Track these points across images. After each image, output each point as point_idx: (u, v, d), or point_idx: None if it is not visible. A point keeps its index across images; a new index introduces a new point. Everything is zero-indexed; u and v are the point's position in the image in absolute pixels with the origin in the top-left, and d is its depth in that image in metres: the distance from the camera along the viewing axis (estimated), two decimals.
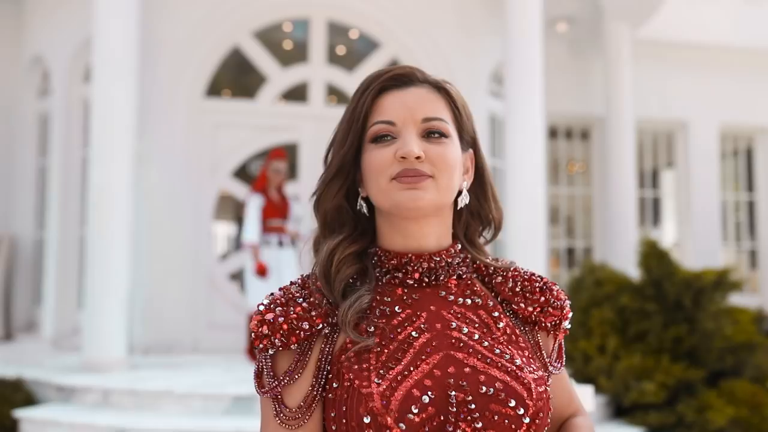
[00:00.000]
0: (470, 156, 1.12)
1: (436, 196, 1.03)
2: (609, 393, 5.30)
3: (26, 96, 7.67)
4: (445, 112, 1.07)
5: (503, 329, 1.05)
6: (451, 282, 1.07)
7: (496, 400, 0.96)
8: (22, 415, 4.65)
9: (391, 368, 0.97)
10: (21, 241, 7.64)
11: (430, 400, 0.95)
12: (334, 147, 1.08)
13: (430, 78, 1.09)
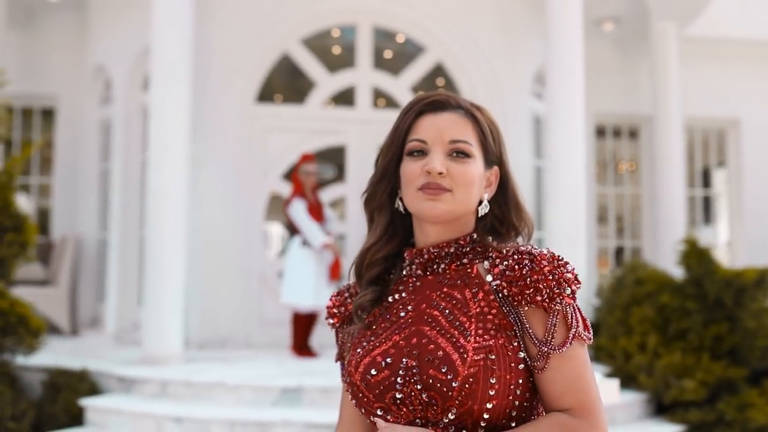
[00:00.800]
0: (495, 172, 1.29)
1: (451, 207, 1.22)
2: (649, 390, 5.36)
3: (90, 104, 8.09)
4: (471, 135, 1.24)
5: (477, 304, 1.19)
6: (451, 268, 1.25)
7: (434, 366, 1.14)
8: (86, 403, 4.99)
9: (371, 341, 1.21)
10: (86, 242, 8.06)
11: (386, 365, 1.17)
12: (381, 155, 1.29)
13: (462, 104, 1.27)
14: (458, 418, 1.14)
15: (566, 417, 1.15)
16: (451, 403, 1.13)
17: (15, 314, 4.94)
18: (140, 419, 4.76)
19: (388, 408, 1.17)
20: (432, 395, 1.14)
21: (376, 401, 1.17)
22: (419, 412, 1.15)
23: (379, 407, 1.17)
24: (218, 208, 6.74)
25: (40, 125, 8.72)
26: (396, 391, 1.15)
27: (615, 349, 5.51)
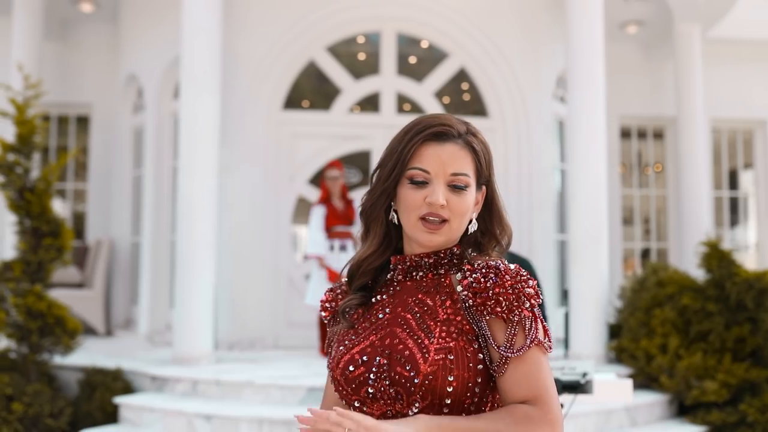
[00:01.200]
0: (482, 191, 1.39)
1: (447, 237, 1.35)
2: (671, 392, 5.40)
3: (123, 111, 8.32)
4: (469, 167, 1.35)
5: (445, 311, 1.31)
6: (428, 276, 1.37)
7: (400, 364, 1.27)
8: (120, 401, 5.18)
9: (352, 339, 1.34)
10: (119, 246, 8.29)
11: (362, 362, 1.30)
12: (380, 173, 1.38)
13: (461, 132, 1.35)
14: (422, 411, 1.26)
15: (521, 405, 1.23)
16: (414, 397, 1.25)
17: (52, 316, 5.15)
18: (172, 417, 4.93)
19: (363, 401, 1.29)
20: (398, 390, 1.26)
21: (353, 394, 1.30)
22: (389, 405, 1.27)
23: (356, 400, 1.30)
24: (247, 213, 6.91)
25: (75, 132, 8.99)
26: (369, 386, 1.28)
27: (636, 351, 5.56)
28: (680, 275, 5.71)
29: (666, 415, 5.50)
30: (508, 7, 7.38)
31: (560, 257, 7.56)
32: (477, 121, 7.26)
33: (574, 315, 6.03)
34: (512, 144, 7.31)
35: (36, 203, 5.18)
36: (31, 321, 5.09)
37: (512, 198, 7.24)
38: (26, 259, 5.21)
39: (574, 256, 6.11)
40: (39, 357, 5.27)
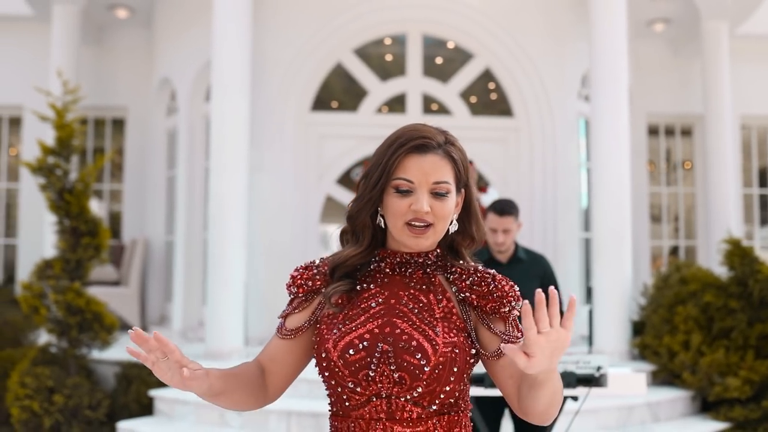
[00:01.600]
0: (462, 195, 1.52)
1: (433, 239, 1.48)
2: (693, 388, 5.45)
3: (157, 114, 8.57)
4: (449, 174, 1.47)
5: (441, 309, 1.46)
6: (417, 274, 1.50)
7: (408, 353, 1.39)
8: (155, 394, 5.39)
9: (347, 324, 1.44)
10: (153, 244, 8.54)
11: (363, 347, 1.40)
12: (366, 182, 1.51)
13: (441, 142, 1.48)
14: (420, 396, 1.39)
15: None
16: (419, 383, 1.38)
17: (91, 312, 5.38)
18: (204, 409, 5.13)
19: (358, 382, 1.40)
20: (403, 376, 1.38)
21: (350, 376, 1.40)
22: (386, 387, 1.39)
23: (351, 381, 1.40)
24: (276, 212, 7.08)
25: (110, 134, 9.27)
26: (369, 370, 1.39)
27: (659, 348, 5.62)
28: (703, 272, 5.75)
29: (688, 411, 5.55)
30: (533, 7, 7.46)
31: (585, 255, 7.60)
32: (502, 121, 7.39)
33: (597, 312, 6.09)
34: (537, 143, 7.38)
35: (75, 204, 5.41)
36: (71, 317, 5.32)
37: (537, 197, 7.31)
38: (66, 258, 5.44)
39: (597, 253, 6.17)
40: (78, 351, 5.50)
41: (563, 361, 3.26)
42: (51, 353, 5.57)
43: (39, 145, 5.54)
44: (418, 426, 1.40)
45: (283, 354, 1.53)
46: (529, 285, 3.77)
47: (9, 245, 9.36)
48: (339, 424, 1.46)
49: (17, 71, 8.89)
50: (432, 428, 1.41)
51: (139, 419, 5.30)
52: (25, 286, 5.47)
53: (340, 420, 1.46)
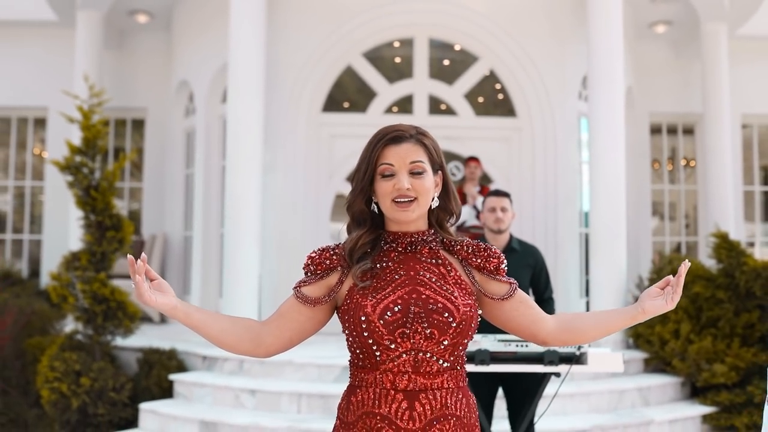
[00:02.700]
0: (440, 175, 1.84)
1: (418, 211, 1.79)
2: (683, 374, 5.75)
3: (176, 115, 8.94)
4: (423, 156, 1.79)
5: (453, 277, 1.79)
6: (424, 250, 1.82)
7: (437, 312, 1.71)
8: (175, 378, 5.75)
9: (379, 293, 1.75)
10: (172, 239, 8.92)
11: (398, 309, 1.71)
12: (357, 175, 1.83)
13: (413, 133, 1.80)
14: (444, 349, 1.72)
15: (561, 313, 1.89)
16: (446, 337, 1.71)
17: (115, 300, 5.75)
18: (221, 391, 5.48)
19: (395, 339, 1.70)
20: (433, 331, 1.71)
21: (387, 334, 1.69)
22: (418, 342, 1.70)
23: (388, 339, 1.70)
24: (289, 209, 7.43)
25: (131, 135, 9.66)
26: (405, 328, 1.70)
27: (651, 336, 5.91)
28: (694, 264, 6.03)
29: (678, 396, 5.84)
30: (535, 11, 7.75)
31: (584, 250, 7.89)
32: (505, 121, 7.71)
33: (593, 303, 6.39)
34: (539, 142, 7.68)
35: (100, 200, 5.78)
36: (97, 305, 5.69)
37: (538, 194, 7.61)
38: (92, 250, 5.81)
39: (593, 248, 6.47)
40: (103, 338, 5.87)
41: None
42: (77, 340, 5.94)
43: (67, 145, 5.91)
44: (437, 378, 1.72)
45: (295, 314, 1.82)
46: (522, 273, 4.10)
47: (33, 240, 9.78)
48: (366, 375, 1.74)
49: (42, 74, 9.30)
50: (446, 380, 1.73)
51: (159, 401, 5.66)
52: (54, 276, 5.84)
53: (367, 371, 1.74)
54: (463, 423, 1.74)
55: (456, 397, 1.74)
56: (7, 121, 9.82)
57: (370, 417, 1.72)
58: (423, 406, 1.70)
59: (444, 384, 1.73)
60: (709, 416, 5.50)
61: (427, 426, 1.70)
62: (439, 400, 1.71)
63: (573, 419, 5.16)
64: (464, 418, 1.75)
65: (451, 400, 1.73)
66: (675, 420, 5.32)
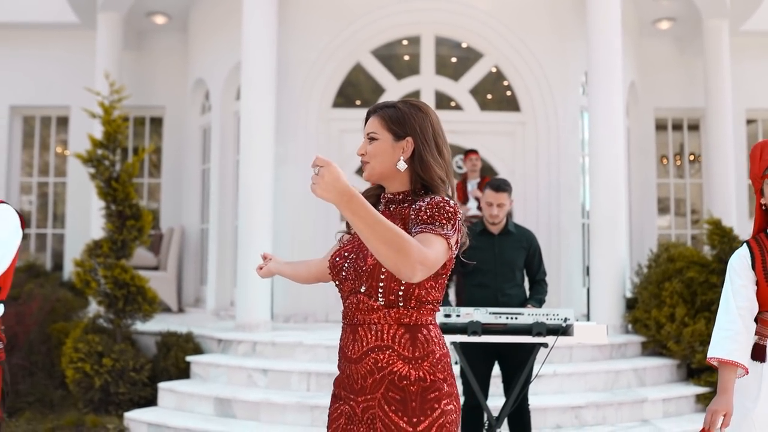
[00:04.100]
0: (408, 141, 2.06)
1: (369, 171, 2.06)
2: (678, 356, 5.97)
3: (192, 112, 9.27)
4: (378, 127, 2.06)
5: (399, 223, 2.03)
6: (397, 209, 2.08)
7: (359, 257, 1.97)
8: (192, 359, 6.05)
9: (345, 243, 2.08)
10: (189, 232, 9.24)
11: (343, 256, 2.02)
12: None
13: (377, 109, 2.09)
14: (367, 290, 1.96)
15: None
16: (361, 281, 1.96)
17: (135, 285, 6.06)
18: (235, 371, 5.78)
19: (340, 281, 2.01)
20: (356, 274, 1.97)
21: (335, 275, 2.02)
22: (351, 284, 1.98)
23: (337, 280, 2.02)
24: (300, 201, 7.71)
25: (149, 132, 10.00)
26: (342, 271, 2.01)
27: (648, 320, 6.13)
28: (689, 251, 6.25)
29: (674, 378, 6.05)
30: (538, 8, 7.99)
31: (586, 240, 8.11)
32: (509, 115, 7.97)
33: (593, 290, 6.62)
34: (542, 136, 7.92)
35: (121, 191, 6.10)
36: (118, 290, 6.01)
37: (542, 185, 7.85)
38: (113, 238, 6.13)
39: (594, 236, 6.69)
40: (124, 322, 6.18)
41: (536, 313, 3.83)
42: (99, 325, 6.26)
43: (89, 139, 6.23)
44: (373, 314, 1.96)
45: None
46: (517, 254, 4.37)
47: (56, 235, 10.15)
48: (343, 310, 2.06)
49: (65, 75, 9.67)
50: (383, 317, 1.95)
51: (177, 381, 5.96)
52: (78, 263, 6.16)
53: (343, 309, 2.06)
54: (402, 356, 1.92)
55: (395, 331, 1.93)
56: (31, 120, 10.20)
57: (339, 349, 2.05)
58: (361, 337, 1.96)
59: (381, 320, 1.94)
60: (702, 396, 5.71)
61: (364, 355, 1.95)
62: (374, 334, 1.95)
63: (570, 397, 5.40)
64: (404, 351, 1.92)
65: (387, 334, 1.94)
66: (669, 399, 5.54)
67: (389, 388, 1.91)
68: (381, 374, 1.92)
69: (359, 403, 1.95)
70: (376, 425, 1.91)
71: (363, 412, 1.94)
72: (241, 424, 5.24)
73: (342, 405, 2.00)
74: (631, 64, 8.66)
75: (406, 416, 1.88)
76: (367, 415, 1.93)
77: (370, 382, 1.93)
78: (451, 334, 3.77)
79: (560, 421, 5.18)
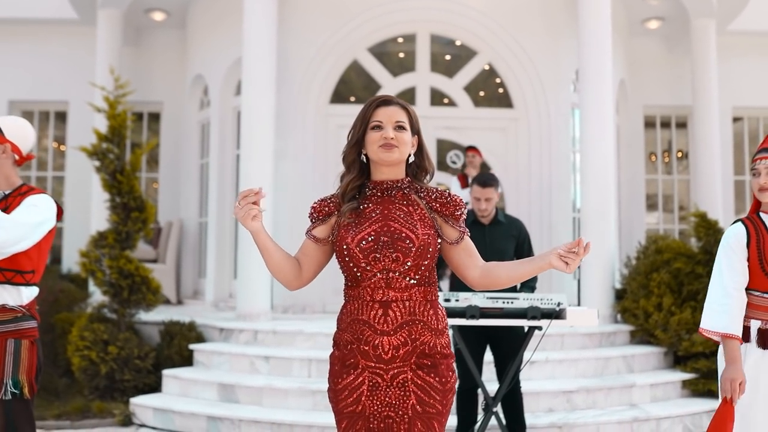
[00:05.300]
0: (416, 138, 2.30)
1: (397, 155, 2.25)
2: (665, 344, 6.19)
3: (191, 108, 9.42)
4: (404, 118, 2.27)
5: (418, 214, 2.24)
6: (398, 194, 2.28)
7: (400, 239, 2.17)
8: (195, 347, 6.22)
9: (358, 227, 2.22)
10: (188, 226, 9.40)
11: (372, 239, 2.18)
12: (353, 132, 2.31)
13: (399, 102, 2.30)
14: (408, 269, 2.17)
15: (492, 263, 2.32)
16: (408, 259, 2.16)
17: (139, 275, 6.23)
18: (237, 358, 5.95)
19: (369, 262, 2.17)
20: (398, 255, 2.16)
21: (363, 258, 2.17)
22: (387, 264, 2.16)
23: (364, 261, 2.17)
24: (299, 194, 7.88)
25: (147, 128, 10.14)
26: (376, 253, 2.17)
27: (636, 310, 6.35)
28: (676, 243, 6.47)
29: (661, 365, 6.28)
30: (531, 8, 8.20)
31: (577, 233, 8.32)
32: (502, 112, 8.20)
33: (584, 281, 6.83)
34: (534, 132, 8.12)
35: (125, 183, 6.26)
36: (123, 279, 6.17)
37: (534, 180, 8.05)
38: (117, 230, 6.29)
39: (584, 228, 6.90)
40: (128, 311, 6.34)
41: (530, 298, 4.03)
42: (103, 315, 6.42)
43: (94, 133, 6.39)
44: (405, 292, 2.18)
45: (312, 251, 2.31)
46: (506, 243, 4.57)
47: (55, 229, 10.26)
48: (352, 291, 2.22)
49: (64, 70, 9.80)
50: (414, 294, 2.19)
51: (181, 369, 6.13)
52: (83, 253, 6.32)
53: (353, 289, 2.21)
54: (430, 327, 2.20)
55: (424, 307, 2.20)
56: (30, 115, 10.31)
57: (357, 323, 2.20)
58: (394, 312, 2.17)
59: (412, 297, 2.19)
60: (688, 382, 5.93)
61: (398, 328, 2.16)
62: (407, 309, 2.18)
63: (560, 382, 5.61)
64: (431, 324, 2.20)
65: (418, 310, 2.19)
66: (656, 384, 5.76)
67: (420, 357, 2.17)
68: (413, 345, 2.16)
69: (388, 371, 2.15)
70: (408, 387, 2.15)
71: (392, 378, 2.15)
72: (244, 408, 5.41)
73: (363, 374, 2.17)
74: (620, 63, 8.87)
75: (438, 376, 2.17)
76: (398, 380, 2.15)
77: (402, 352, 2.15)
78: (450, 317, 3.97)
79: (552, 405, 5.39)
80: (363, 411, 2.17)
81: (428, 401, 2.15)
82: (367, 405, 2.16)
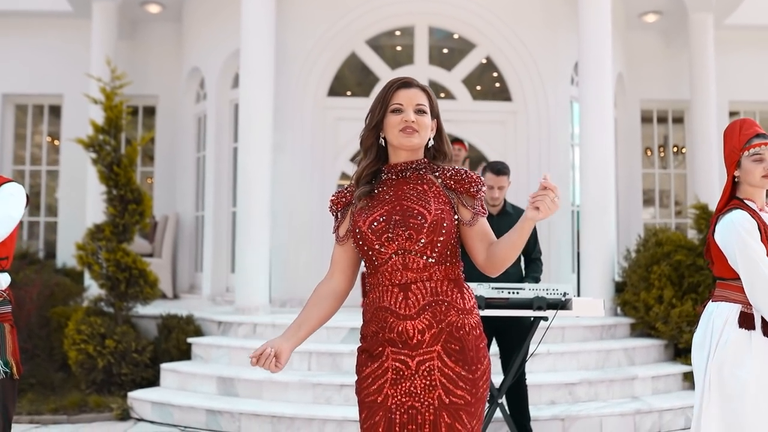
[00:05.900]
0: (435, 122, 2.25)
1: (418, 140, 2.19)
2: (666, 337, 6.17)
3: (187, 101, 9.34)
4: (425, 101, 2.21)
5: (432, 191, 2.17)
6: (414, 175, 2.22)
7: (413, 216, 2.11)
8: (193, 341, 6.17)
9: (371, 210, 2.17)
10: (184, 220, 9.33)
11: (383, 220, 2.12)
12: (371, 115, 2.24)
13: (419, 85, 2.24)
14: (423, 246, 2.10)
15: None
16: (422, 235, 2.10)
17: (137, 268, 6.17)
18: (236, 352, 5.90)
19: (382, 243, 2.11)
20: (411, 232, 2.10)
21: (376, 240, 2.11)
22: (401, 243, 2.10)
23: (377, 243, 2.11)
24: (297, 187, 7.84)
25: (142, 121, 10.06)
26: (388, 233, 2.10)
27: (637, 303, 6.33)
28: (676, 235, 6.45)
29: (662, 357, 6.26)
30: (530, 0, 8.16)
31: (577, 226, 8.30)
32: (501, 105, 8.16)
33: (584, 274, 6.81)
34: (533, 125, 8.10)
35: (122, 175, 6.20)
36: (120, 272, 6.11)
37: (533, 173, 8.02)
38: (114, 222, 6.23)
39: (584, 222, 6.89)
40: (125, 305, 6.28)
41: (536, 288, 4.00)
42: (100, 308, 6.36)
43: (91, 124, 6.32)
44: (425, 272, 2.11)
45: (341, 256, 2.25)
46: None
47: (49, 223, 10.18)
48: (371, 279, 2.16)
49: (59, 63, 9.70)
50: (434, 273, 2.11)
51: (179, 362, 6.08)
52: (80, 246, 6.25)
53: (372, 276, 2.16)
54: (456, 307, 2.11)
55: (446, 286, 2.12)
56: (24, 108, 10.22)
57: (380, 311, 2.13)
58: (415, 294, 2.09)
59: (432, 276, 2.10)
60: (689, 374, 5.91)
61: (421, 311, 2.08)
62: (429, 290, 2.10)
63: (563, 375, 5.59)
64: (456, 303, 2.11)
65: (441, 289, 2.11)
66: (657, 376, 5.74)
67: (448, 340, 2.07)
68: (439, 327, 2.07)
69: (414, 358, 2.07)
70: (434, 376, 2.06)
71: (418, 365, 2.07)
72: (244, 401, 5.37)
73: (386, 362, 2.10)
74: (618, 57, 8.85)
75: (466, 365, 2.07)
76: (424, 367, 2.06)
77: (428, 337, 2.07)
78: None
79: (555, 397, 5.36)
80: (384, 401, 2.09)
81: (455, 392, 2.06)
82: (389, 395, 2.08)
